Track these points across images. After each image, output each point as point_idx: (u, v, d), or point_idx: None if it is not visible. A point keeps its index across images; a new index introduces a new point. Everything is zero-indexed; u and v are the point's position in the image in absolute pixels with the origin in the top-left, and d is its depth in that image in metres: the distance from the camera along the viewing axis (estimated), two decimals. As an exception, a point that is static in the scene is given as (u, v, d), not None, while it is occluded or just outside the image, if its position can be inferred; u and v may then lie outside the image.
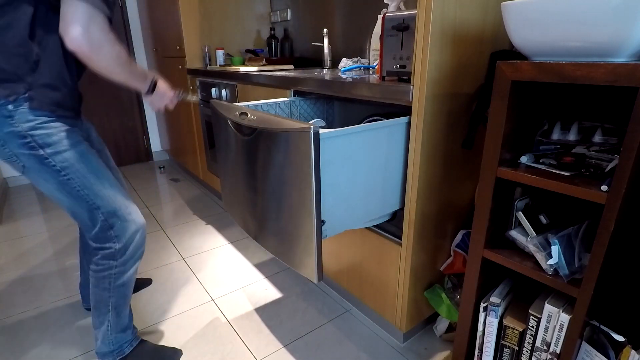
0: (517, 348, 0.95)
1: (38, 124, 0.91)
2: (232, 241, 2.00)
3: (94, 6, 0.84)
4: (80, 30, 0.83)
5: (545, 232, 0.86)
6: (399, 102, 0.99)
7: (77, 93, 1.03)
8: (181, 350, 1.26)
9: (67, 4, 0.83)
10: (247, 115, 0.94)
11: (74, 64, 0.97)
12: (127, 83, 1.00)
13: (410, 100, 0.95)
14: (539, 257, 0.83)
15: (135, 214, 1.07)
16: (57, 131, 0.94)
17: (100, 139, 1.22)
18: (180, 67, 2.49)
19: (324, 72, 1.66)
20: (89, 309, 1.45)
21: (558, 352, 0.85)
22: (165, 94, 1.12)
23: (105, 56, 0.89)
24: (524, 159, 0.85)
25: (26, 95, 0.89)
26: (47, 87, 0.92)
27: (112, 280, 1.08)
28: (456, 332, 1.05)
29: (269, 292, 1.55)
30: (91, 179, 0.99)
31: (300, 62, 2.32)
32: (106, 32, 0.87)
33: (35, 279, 1.68)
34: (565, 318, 0.82)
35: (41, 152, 0.93)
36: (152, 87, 1.07)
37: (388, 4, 1.35)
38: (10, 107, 0.88)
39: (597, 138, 0.85)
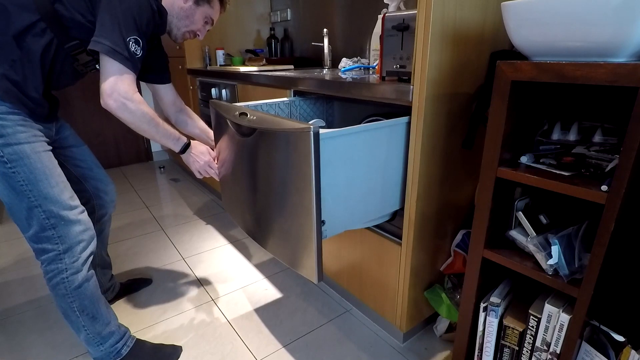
0: (517, 348, 0.95)
1: None
2: (232, 241, 2.00)
3: (125, 65, 0.95)
4: (108, 90, 0.94)
5: (545, 232, 0.86)
6: (399, 102, 0.99)
7: (45, 103, 1.02)
8: (181, 347, 1.26)
9: (102, 59, 0.94)
10: (247, 115, 0.94)
11: (47, 83, 1.00)
12: (157, 141, 1.10)
13: (410, 100, 0.95)
14: (539, 257, 0.83)
15: (80, 215, 1.04)
16: (13, 124, 0.93)
17: (77, 137, 1.23)
18: (180, 67, 2.49)
19: (324, 72, 1.66)
20: None
21: (558, 352, 0.85)
22: (197, 158, 1.18)
23: (129, 115, 0.98)
24: (524, 159, 0.85)
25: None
26: (14, 84, 0.93)
27: (67, 284, 1.03)
28: (456, 332, 1.05)
29: (269, 292, 1.55)
30: (38, 176, 0.97)
31: (300, 62, 2.32)
32: (132, 92, 0.97)
33: (35, 279, 1.68)
34: (565, 318, 0.82)
35: None
36: (184, 149, 1.15)
37: (388, 4, 1.35)
38: None
39: (597, 138, 0.85)
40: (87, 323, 1.08)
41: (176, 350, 1.25)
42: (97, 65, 1.04)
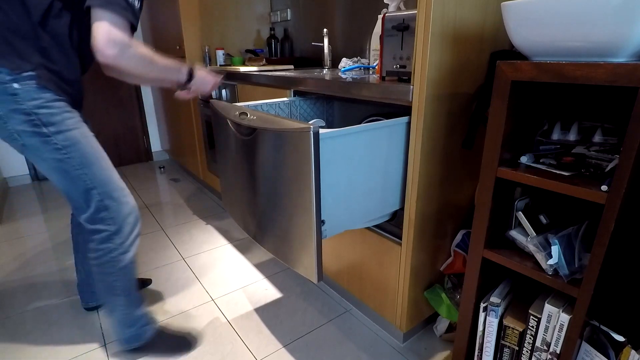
0: (517, 348, 0.95)
1: (43, 102, 0.93)
2: (232, 241, 2.00)
3: (118, 14, 0.88)
4: (103, 40, 0.87)
5: (545, 232, 0.86)
6: (399, 102, 0.99)
7: (81, 87, 1.05)
8: (196, 338, 1.31)
9: (94, 13, 0.87)
10: (247, 115, 0.94)
11: (79, 60, 1.01)
12: (163, 78, 1.05)
13: (410, 100, 0.95)
14: (539, 257, 0.83)
15: (129, 197, 1.09)
16: (60, 111, 0.96)
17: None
18: (180, 67, 2.49)
19: (324, 72, 1.66)
20: (88, 309, 1.45)
21: (558, 352, 0.85)
22: (205, 79, 1.14)
23: (130, 60, 0.92)
24: (524, 159, 0.85)
25: (32, 73, 0.90)
26: (52, 72, 0.94)
27: (114, 263, 1.09)
28: (456, 332, 1.05)
29: (269, 292, 1.55)
30: (90, 159, 1.00)
31: (300, 62, 2.32)
32: (127, 38, 0.90)
33: (35, 278, 1.68)
34: (565, 318, 0.82)
35: (44, 130, 0.94)
36: (189, 76, 1.10)
37: (388, 4, 1.35)
38: (15, 85, 0.89)
39: (597, 138, 0.85)
40: (124, 303, 1.14)
41: (194, 338, 1.30)
42: None
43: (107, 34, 0.87)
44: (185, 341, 1.27)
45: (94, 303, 1.45)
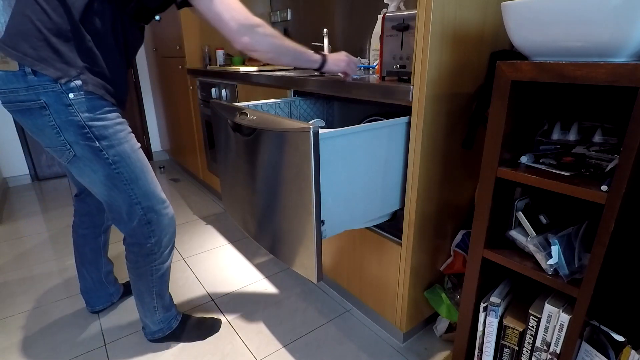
0: (517, 348, 0.95)
1: (97, 114, 0.91)
2: (232, 241, 1.99)
3: None
4: (233, 28, 0.86)
5: (545, 232, 0.86)
6: (399, 102, 0.99)
7: (126, 86, 1.03)
8: (220, 320, 1.37)
9: (210, 5, 0.87)
10: (247, 115, 0.94)
11: (125, 55, 0.97)
12: (296, 63, 1.04)
13: (410, 100, 0.95)
14: (539, 257, 0.83)
15: (169, 208, 1.10)
16: (112, 123, 0.94)
17: None
18: (180, 67, 2.49)
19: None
20: (94, 312, 1.45)
21: (558, 352, 0.85)
22: (338, 62, 1.11)
23: (269, 41, 0.93)
24: (524, 159, 0.85)
25: (78, 78, 0.88)
26: (98, 75, 0.91)
27: (154, 272, 1.12)
28: (456, 332, 1.05)
29: (269, 292, 1.55)
30: (138, 174, 1.00)
31: (300, 62, 2.32)
32: (251, 14, 0.89)
33: (35, 279, 1.68)
34: (565, 318, 0.82)
35: (97, 144, 0.92)
36: (322, 63, 1.08)
37: (388, 4, 1.35)
38: (71, 95, 0.88)
39: (597, 138, 0.85)
40: (159, 304, 1.19)
41: (216, 322, 1.35)
42: (156, 17, 1.02)
43: (231, 19, 0.84)
44: (210, 325, 1.33)
45: (101, 306, 1.44)
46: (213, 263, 1.79)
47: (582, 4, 0.64)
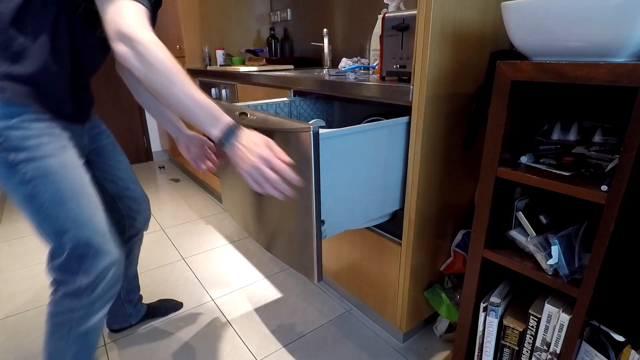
0: (517, 348, 0.95)
1: (17, 122, 0.75)
2: (232, 241, 2.00)
3: (141, 2, 0.69)
4: (112, 32, 0.67)
5: (545, 232, 0.86)
6: (399, 102, 0.99)
7: (77, 95, 0.86)
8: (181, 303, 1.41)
9: (107, 2, 0.68)
10: (247, 115, 0.94)
11: (74, 63, 0.82)
12: (184, 113, 0.73)
13: (410, 100, 0.95)
14: (539, 257, 0.83)
15: (110, 244, 0.86)
16: (36, 134, 0.77)
17: (117, 146, 1.08)
18: (180, 67, 2.49)
19: (324, 72, 1.66)
20: (113, 331, 1.34)
21: (558, 352, 0.85)
22: (249, 153, 0.74)
23: (138, 60, 0.68)
24: (524, 159, 0.85)
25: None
26: (25, 82, 0.76)
27: (72, 326, 0.86)
28: (456, 332, 1.05)
29: (269, 292, 1.55)
30: (66, 195, 0.80)
31: (300, 62, 2.32)
32: (140, 26, 0.69)
33: (35, 278, 1.68)
34: (565, 318, 0.82)
35: (12, 156, 0.76)
36: (227, 134, 0.74)
37: (388, 4, 1.35)
38: None
39: (597, 138, 0.85)
40: None
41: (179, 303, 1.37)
42: None
43: (115, 23, 0.67)
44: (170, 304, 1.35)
45: (117, 326, 1.33)
46: (213, 263, 1.79)
47: (582, 4, 0.64)
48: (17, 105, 0.76)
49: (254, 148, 0.74)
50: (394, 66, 1.05)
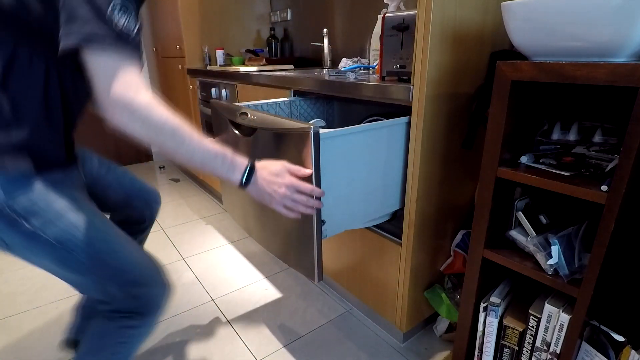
0: (517, 348, 0.95)
1: (17, 191, 0.68)
2: (232, 241, 1.99)
3: (115, 51, 0.62)
4: (104, 100, 0.63)
5: (545, 232, 0.86)
6: (399, 102, 0.99)
7: (66, 142, 0.79)
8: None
9: (83, 56, 0.62)
10: (247, 115, 0.94)
11: (65, 114, 0.75)
12: (196, 165, 0.72)
13: (410, 100, 0.95)
14: (539, 257, 0.83)
15: (159, 273, 0.83)
16: (42, 195, 0.71)
17: (103, 161, 1.01)
18: (180, 67, 2.49)
19: (324, 72, 1.66)
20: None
21: (558, 352, 0.85)
22: (271, 184, 0.75)
23: (140, 125, 0.66)
24: (524, 159, 0.85)
25: None
26: (19, 149, 0.69)
27: (117, 351, 0.84)
28: (456, 332, 1.05)
29: (269, 292, 1.55)
30: (98, 246, 0.75)
31: (300, 62, 2.32)
32: (134, 89, 0.64)
33: (35, 278, 1.68)
34: (565, 318, 0.82)
35: (26, 225, 0.69)
36: (248, 176, 0.74)
37: (388, 4, 1.35)
38: None
39: (597, 138, 0.85)
40: None
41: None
42: None
43: (105, 89, 0.62)
44: None
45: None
46: (213, 263, 1.79)
47: (582, 4, 0.64)
48: (17, 176, 0.70)
49: (277, 180, 0.75)
50: (394, 66, 1.05)
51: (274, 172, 0.76)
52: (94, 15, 0.60)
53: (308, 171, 0.77)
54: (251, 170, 0.74)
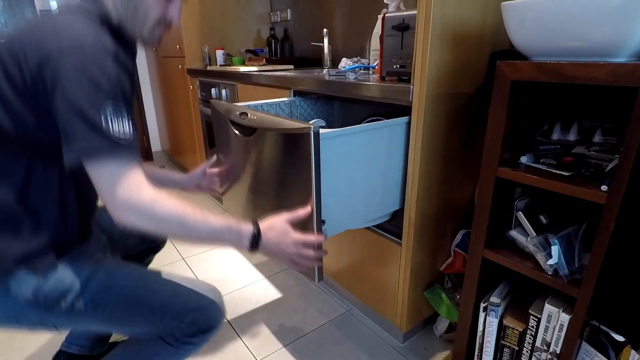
0: (517, 348, 0.95)
1: (41, 280, 0.71)
2: (232, 241, 1.99)
3: (126, 159, 0.66)
4: (111, 205, 0.66)
5: (545, 232, 0.86)
6: (399, 102, 0.99)
7: (82, 226, 0.81)
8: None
9: (86, 167, 0.65)
10: (247, 115, 0.94)
11: (77, 209, 0.78)
12: (206, 242, 0.78)
13: (410, 100, 0.95)
14: (539, 257, 0.83)
15: (210, 292, 0.85)
16: (66, 272, 0.74)
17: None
18: (180, 67, 2.49)
19: (324, 72, 1.66)
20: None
21: (558, 352, 0.85)
22: (283, 246, 0.78)
23: (151, 222, 0.69)
24: (524, 159, 0.85)
25: (17, 268, 0.70)
26: (42, 252, 0.72)
27: (180, 357, 0.85)
28: (456, 332, 1.05)
29: (269, 292, 1.55)
30: (137, 294, 0.77)
31: (300, 62, 2.32)
32: (136, 190, 0.67)
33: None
34: (565, 318, 0.82)
35: (62, 304, 0.72)
36: (255, 240, 0.77)
37: (388, 4, 1.35)
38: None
39: (597, 138, 0.85)
40: None
41: None
42: None
43: (111, 196, 0.65)
44: None
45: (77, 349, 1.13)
46: (213, 263, 1.79)
47: (582, 4, 0.64)
48: (45, 270, 0.73)
49: (284, 239, 0.78)
50: (394, 66, 1.05)
51: (279, 231, 0.79)
52: (89, 128, 0.63)
53: (308, 209, 0.81)
54: (258, 234, 0.77)
